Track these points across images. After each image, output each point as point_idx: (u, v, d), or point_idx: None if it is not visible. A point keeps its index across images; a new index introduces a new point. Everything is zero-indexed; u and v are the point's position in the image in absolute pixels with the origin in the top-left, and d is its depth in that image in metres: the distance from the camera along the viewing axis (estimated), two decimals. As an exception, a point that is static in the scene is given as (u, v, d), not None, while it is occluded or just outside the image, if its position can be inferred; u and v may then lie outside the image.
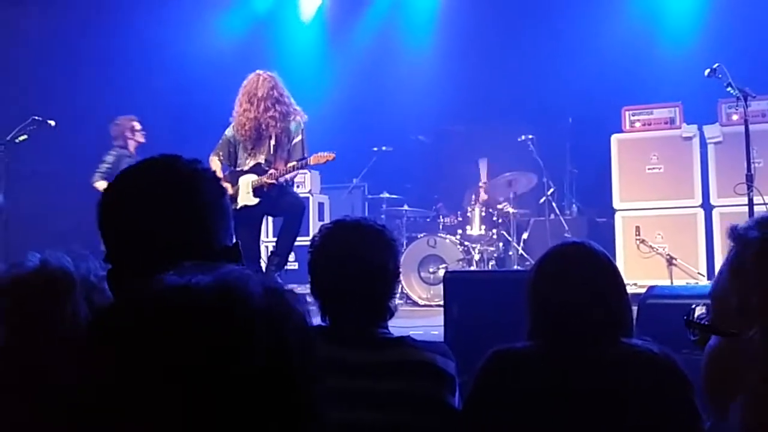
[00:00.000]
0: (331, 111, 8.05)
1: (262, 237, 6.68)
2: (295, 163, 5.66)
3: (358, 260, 1.98)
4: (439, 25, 9.65)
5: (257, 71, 5.72)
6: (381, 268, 2.01)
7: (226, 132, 5.84)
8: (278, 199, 5.70)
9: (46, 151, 7.04)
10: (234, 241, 1.46)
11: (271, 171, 5.61)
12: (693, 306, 1.07)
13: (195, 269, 0.82)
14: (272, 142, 5.69)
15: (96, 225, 1.41)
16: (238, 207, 5.65)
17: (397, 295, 2.15)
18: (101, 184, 6.49)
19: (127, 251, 1.37)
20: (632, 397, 1.76)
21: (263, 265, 6.03)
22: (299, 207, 5.75)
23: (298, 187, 6.36)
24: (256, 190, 5.66)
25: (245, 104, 5.64)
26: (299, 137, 5.72)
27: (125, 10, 8.35)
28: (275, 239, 5.97)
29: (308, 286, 2.08)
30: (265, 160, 5.71)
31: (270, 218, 7.25)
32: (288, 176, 5.71)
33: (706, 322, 0.95)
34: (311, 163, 5.68)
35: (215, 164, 5.76)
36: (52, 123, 6.44)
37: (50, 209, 7.39)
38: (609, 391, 1.79)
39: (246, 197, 5.69)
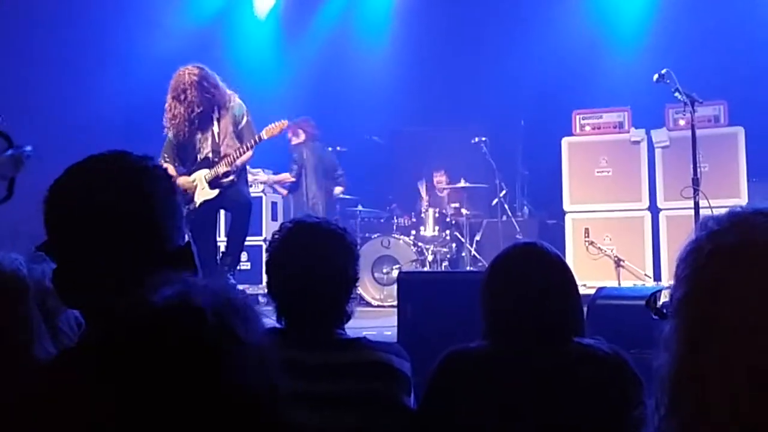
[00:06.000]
0: (286, 110, 7.96)
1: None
2: (248, 143, 5.46)
3: (320, 263, 1.95)
4: (393, 26, 9.67)
5: (181, 67, 5.45)
6: (342, 272, 1.99)
7: (168, 134, 5.64)
8: (229, 193, 5.52)
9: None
10: (186, 240, 1.42)
11: (225, 157, 5.41)
12: (659, 290, 1.10)
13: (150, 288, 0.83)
14: (215, 130, 5.49)
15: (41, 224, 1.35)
16: (197, 205, 5.48)
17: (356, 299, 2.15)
18: None
19: (72, 250, 1.31)
20: (584, 395, 1.78)
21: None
22: (246, 203, 5.60)
23: (251, 186, 6.24)
24: (212, 182, 5.47)
25: (171, 101, 5.40)
26: (245, 119, 5.52)
27: (74, 6, 8.16)
28: (225, 238, 5.87)
29: (260, 286, 2.05)
30: (212, 151, 5.50)
31: (222, 216, 7.16)
32: (244, 158, 5.49)
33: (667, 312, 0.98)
34: (265, 137, 5.49)
35: (167, 167, 5.60)
36: (-3, 118, 6.24)
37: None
38: (561, 390, 1.81)
39: (203, 192, 5.48)
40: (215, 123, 5.49)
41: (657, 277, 6.49)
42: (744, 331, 0.84)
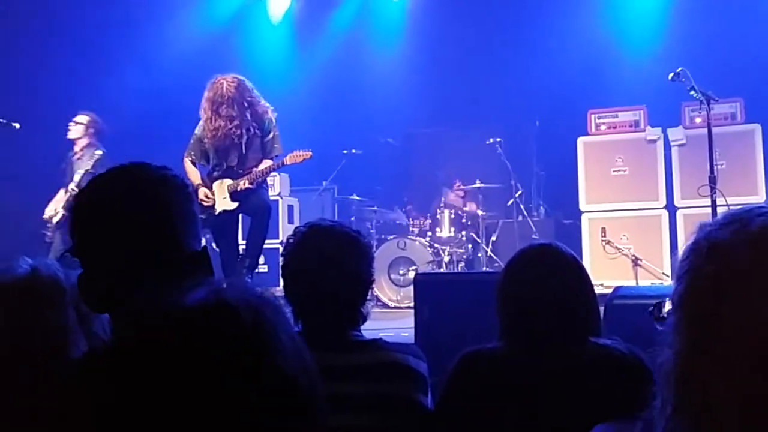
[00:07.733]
0: (300, 113, 8.02)
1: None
2: (270, 163, 5.61)
3: (334, 267, 1.97)
4: (407, 28, 9.68)
5: (220, 77, 5.54)
6: (356, 275, 2.01)
7: (196, 131, 5.74)
8: (249, 198, 5.64)
9: (9, 154, 6.92)
10: (203, 244, 1.50)
11: (249, 174, 5.54)
12: (662, 300, 1.11)
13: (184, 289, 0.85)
14: (244, 141, 5.61)
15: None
16: (216, 213, 5.61)
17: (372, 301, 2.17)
18: None
19: (96, 256, 1.40)
20: (601, 396, 1.78)
21: None
22: (266, 208, 5.68)
23: (268, 189, 6.29)
24: (233, 194, 5.60)
25: (210, 113, 5.50)
26: (272, 134, 5.67)
27: (91, 10, 8.24)
28: (244, 241, 5.93)
29: (277, 289, 2.07)
30: (238, 161, 5.64)
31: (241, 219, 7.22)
32: (264, 176, 5.69)
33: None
34: (287, 163, 5.63)
35: (190, 167, 5.70)
36: (17, 125, 6.32)
37: (13, 212, 7.26)
38: (578, 390, 1.81)
39: (224, 203, 5.62)
40: (245, 134, 5.58)
41: (675, 275, 6.45)
42: (744, 325, 0.84)
